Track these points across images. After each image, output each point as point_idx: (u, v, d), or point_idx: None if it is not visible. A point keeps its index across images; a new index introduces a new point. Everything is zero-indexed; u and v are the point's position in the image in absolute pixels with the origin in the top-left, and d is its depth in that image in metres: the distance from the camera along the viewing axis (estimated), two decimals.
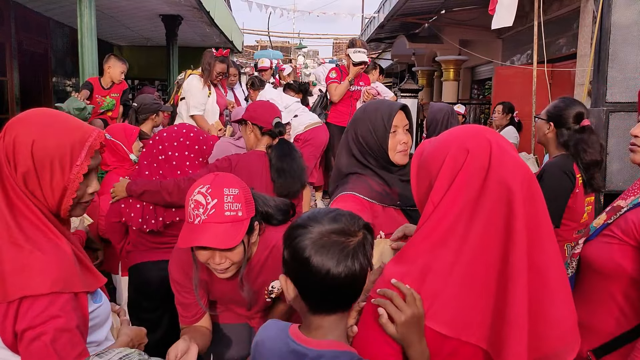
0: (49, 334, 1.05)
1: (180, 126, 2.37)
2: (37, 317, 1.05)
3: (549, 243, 0.98)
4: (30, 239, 1.10)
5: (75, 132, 1.16)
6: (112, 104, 4.68)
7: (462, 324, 0.97)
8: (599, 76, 3.10)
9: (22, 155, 1.10)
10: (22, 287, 1.06)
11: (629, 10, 3.01)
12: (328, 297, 0.98)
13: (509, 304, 0.94)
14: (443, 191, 1.00)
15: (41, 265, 1.08)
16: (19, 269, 1.07)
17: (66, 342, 1.07)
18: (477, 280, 0.97)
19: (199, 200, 1.38)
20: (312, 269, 0.95)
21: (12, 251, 1.08)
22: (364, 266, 0.98)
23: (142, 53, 10.55)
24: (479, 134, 1.03)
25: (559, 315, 0.98)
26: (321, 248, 0.95)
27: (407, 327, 0.96)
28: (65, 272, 1.11)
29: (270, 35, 18.27)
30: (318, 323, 1.01)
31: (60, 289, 1.08)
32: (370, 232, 1.01)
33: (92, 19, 4.47)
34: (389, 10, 7.87)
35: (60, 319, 1.07)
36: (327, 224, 0.98)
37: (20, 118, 1.16)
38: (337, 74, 4.90)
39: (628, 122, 3.04)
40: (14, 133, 1.11)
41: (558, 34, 6.14)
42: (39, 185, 1.12)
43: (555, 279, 0.98)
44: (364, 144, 1.61)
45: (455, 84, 10.72)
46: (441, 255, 0.98)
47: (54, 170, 1.12)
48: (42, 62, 7.74)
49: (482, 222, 0.97)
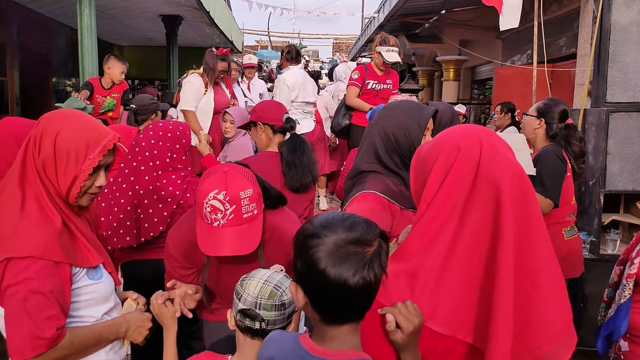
0: (21, 293, 1.19)
1: (154, 126, 2.23)
2: (14, 277, 1.20)
3: (540, 243, 0.98)
4: (25, 209, 1.26)
5: (93, 132, 1.35)
6: (112, 104, 4.68)
7: (458, 322, 0.97)
8: (599, 76, 3.10)
9: (46, 142, 1.29)
10: (8, 250, 1.22)
11: (629, 10, 3.01)
12: (342, 308, 0.95)
13: (494, 303, 0.94)
14: (435, 189, 1.01)
15: (26, 232, 1.23)
16: (10, 233, 1.23)
17: (36, 302, 1.19)
18: (470, 278, 0.98)
19: (216, 206, 1.40)
20: (329, 281, 0.90)
21: (9, 217, 1.25)
22: (379, 275, 0.93)
23: (143, 53, 10.55)
24: (472, 133, 1.04)
25: (550, 317, 0.97)
26: (338, 260, 0.90)
27: (413, 336, 0.96)
28: (46, 241, 1.24)
29: (270, 35, 18.28)
30: (333, 333, 0.97)
31: (38, 255, 1.22)
32: (385, 240, 0.97)
33: (92, 19, 4.48)
34: (389, 10, 7.85)
35: (33, 281, 1.20)
36: (343, 233, 0.92)
37: (54, 113, 1.38)
38: (359, 74, 4.52)
39: (628, 122, 3.03)
40: (45, 124, 1.32)
41: (558, 34, 6.14)
42: (55, 170, 1.29)
43: (546, 280, 0.97)
44: (393, 141, 1.58)
45: (456, 84, 10.71)
46: (434, 253, 0.99)
47: (69, 160, 1.29)
48: (42, 62, 7.74)
49: (472, 220, 0.98)
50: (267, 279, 1.31)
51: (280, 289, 1.30)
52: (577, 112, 3.23)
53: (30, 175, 1.29)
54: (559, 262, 1.02)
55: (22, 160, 1.30)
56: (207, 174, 1.49)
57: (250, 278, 1.33)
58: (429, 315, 0.98)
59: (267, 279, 1.31)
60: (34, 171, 1.29)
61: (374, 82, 4.56)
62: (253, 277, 1.33)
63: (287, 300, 1.28)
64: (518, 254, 0.95)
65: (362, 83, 4.50)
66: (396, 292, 1.00)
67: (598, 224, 3.06)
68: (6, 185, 1.30)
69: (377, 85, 4.57)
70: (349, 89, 4.59)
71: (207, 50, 4.15)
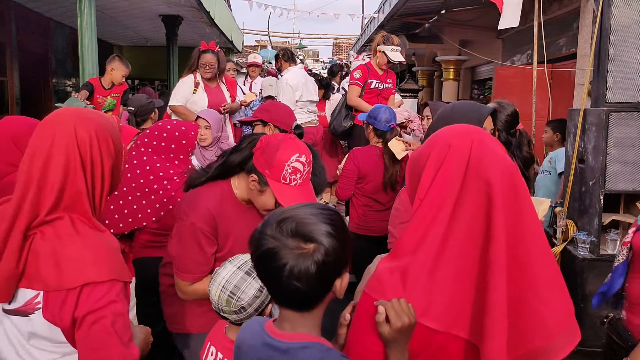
0: (109, 317, 1.13)
1: (154, 128, 2.31)
2: (98, 302, 1.13)
3: (533, 236, 0.98)
4: (79, 231, 1.17)
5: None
6: (112, 104, 4.69)
7: (451, 318, 0.98)
8: (599, 76, 3.10)
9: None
10: (81, 275, 1.13)
11: (629, 10, 3.01)
12: (280, 296, 1.01)
13: (487, 298, 0.94)
14: (427, 186, 1.03)
15: (95, 255, 1.16)
16: (74, 258, 1.14)
17: (122, 325, 1.16)
18: (463, 274, 0.98)
19: (297, 167, 1.65)
20: (263, 268, 0.99)
21: (65, 242, 1.15)
22: (312, 272, 0.95)
23: (142, 53, 10.54)
24: (463, 131, 1.07)
25: (545, 311, 0.97)
26: (274, 249, 0.96)
27: (400, 333, 0.97)
28: (116, 261, 1.20)
29: (270, 35, 18.28)
30: (287, 316, 1.03)
31: (116, 276, 1.17)
32: (335, 246, 0.99)
33: (92, 19, 4.47)
34: (389, 10, 7.85)
35: (117, 303, 1.15)
36: (287, 224, 1.00)
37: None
38: (361, 74, 4.44)
39: (628, 122, 3.03)
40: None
41: (558, 34, 6.14)
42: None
43: (540, 273, 0.97)
44: None
45: (456, 84, 10.71)
46: (427, 250, 1.00)
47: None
48: (42, 62, 7.74)
49: (465, 216, 0.99)
50: (224, 285, 1.42)
51: (236, 295, 1.40)
52: (577, 112, 3.22)
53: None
54: None
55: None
56: (275, 142, 1.66)
57: (213, 281, 1.47)
58: (422, 311, 0.98)
59: (225, 284, 1.42)
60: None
61: (377, 81, 4.50)
62: (214, 279, 1.46)
63: (246, 304, 1.41)
64: (511, 248, 0.95)
65: (365, 82, 4.44)
66: (391, 289, 1.01)
67: (598, 224, 3.06)
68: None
69: (380, 84, 4.50)
70: (351, 88, 4.50)
71: (196, 49, 4.10)
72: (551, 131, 4.55)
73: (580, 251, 3.09)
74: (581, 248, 3.09)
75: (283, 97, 4.67)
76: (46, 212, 1.15)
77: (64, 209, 1.17)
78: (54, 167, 1.16)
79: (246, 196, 1.77)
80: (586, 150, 3.15)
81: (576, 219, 3.22)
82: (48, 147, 1.16)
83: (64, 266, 1.12)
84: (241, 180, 1.77)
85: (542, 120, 5.13)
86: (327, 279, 0.98)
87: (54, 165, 1.16)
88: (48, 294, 1.13)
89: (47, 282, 1.12)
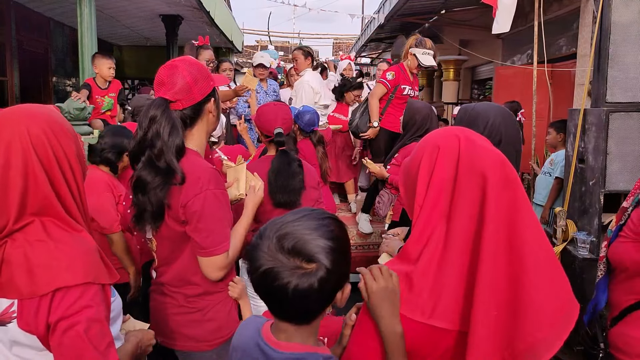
0: (82, 323, 1.08)
1: None
2: (70, 307, 1.08)
3: (527, 224, 0.99)
4: (51, 234, 1.13)
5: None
6: (111, 103, 4.69)
7: (458, 316, 0.99)
8: (599, 76, 3.10)
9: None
10: (53, 280, 1.08)
11: (629, 10, 3.01)
12: (274, 309, 1.00)
13: (475, 286, 0.96)
14: (424, 191, 1.05)
15: (69, 258, 1.11)
16: (46, 263, 1.09)
17: (97, 331, 1.10)
18: (465, 270, 1.00)
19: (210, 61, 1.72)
20: (257, 282, 0.98)
21: (36, 248, 1.11)
22: (304, 287, 0.93)
23: (142, 53, 10.54)
24: (449, 132, 1.09)
25: (541, 300, 0.96)
26: (270, 264, 0.95)
27: (379, 298, 1.00)
28: (92, 263, 1.15)
29: (270, 35, 18.27)
30: (282, 327, 1.02)
31: (91, 279, 1.12)
32: (333, 268, 0.96)
33: (92, 19, 4.47)
34: (389, 10, 7.85)
35: (91, 308, 1.10)
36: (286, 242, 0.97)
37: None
38: (394, 76, 4.08)
39: (628, 122, 3.03)
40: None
41: (558, 34, 6.13)
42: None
43: (535, 261, 0.97)
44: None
45: (456, 84, 10.71)
46: (430, 253, 1.01)
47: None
48: (42, 62, 7.73)
49: (462, 212, 1.01)
50: None
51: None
52: (577, 112, 3.22)
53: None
54: None
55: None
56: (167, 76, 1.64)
57: None
58: (430, 313, 1.00)
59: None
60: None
61: (409, 87, 4.15)
62: None
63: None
64: (505, 237, 0.96)
65: (395, 87, 4.09)
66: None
67: (598, 224, 3.06)
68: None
69: (412, 91, 4.15)
70: (377, 87, 4.15)
71: (186, 44, 4.06)
72: (555, 132, 4.54)
73: (580, 251, 3.09)
74: (581, 248, 3.08)
75: (304, 97, 4.66)
76: (13, 220, 1.11)
77: (33, 214, 1.13)
78: (13, 174, 1.10)
79: (205, 140, 1.73)
80: (586, 150, 3.15)
81: (576, 219, 3.22)
82: (2, 153, 1.10)
83: (36, 272, 1.08)
84: (193, 131, 1.68)
85: (542, 121, 5.13)
86: (329, 294, 0.98)
87: (13, 172, 1.10)
88: (22, 302, 1.09)
89: (21, 290, 1.08)
